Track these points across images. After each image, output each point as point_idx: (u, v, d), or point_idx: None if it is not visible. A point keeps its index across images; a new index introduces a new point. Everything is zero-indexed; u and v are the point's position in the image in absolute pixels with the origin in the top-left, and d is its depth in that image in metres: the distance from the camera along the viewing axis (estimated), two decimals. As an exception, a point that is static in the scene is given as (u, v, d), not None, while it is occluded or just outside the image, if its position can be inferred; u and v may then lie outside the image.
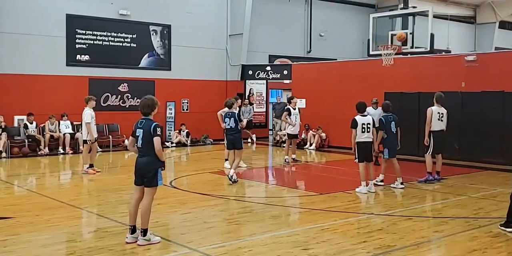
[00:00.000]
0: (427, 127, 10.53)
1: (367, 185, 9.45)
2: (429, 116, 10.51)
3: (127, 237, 6.18)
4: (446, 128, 10.82)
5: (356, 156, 9.61)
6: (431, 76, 14.71)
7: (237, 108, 12.96)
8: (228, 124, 10.59)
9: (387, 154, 10.11)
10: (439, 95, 10.86)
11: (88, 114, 11.61)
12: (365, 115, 9.61)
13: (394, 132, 10.20)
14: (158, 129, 6.23)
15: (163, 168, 6.31)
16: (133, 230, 6.18)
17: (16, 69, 15.65)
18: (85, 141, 11.91)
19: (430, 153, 10.59)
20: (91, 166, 11.74)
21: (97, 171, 11.72)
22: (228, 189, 10.09)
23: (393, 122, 10.19)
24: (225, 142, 11.93)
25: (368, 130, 9.51)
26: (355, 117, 9.56)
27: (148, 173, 6.20)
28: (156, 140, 6.18)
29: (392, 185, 9.99)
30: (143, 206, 6.17)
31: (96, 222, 7.36)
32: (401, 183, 9.95)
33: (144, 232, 6.09)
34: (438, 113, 10.64)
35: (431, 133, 10.56)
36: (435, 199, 9.35)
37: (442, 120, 10.66)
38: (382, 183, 10.19)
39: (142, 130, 6.24)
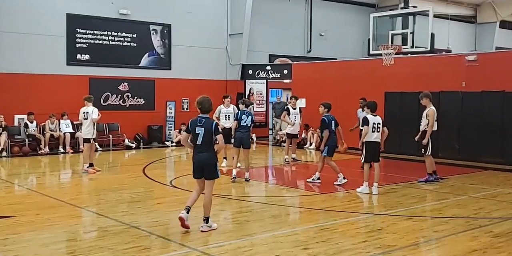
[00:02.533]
0: (430, 129, 10.39)
1: (368, 186, 9.43)
2: (432, 117, 10.40)
3: (182, 213, 6.59)
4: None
5: (363, 156, 9.59)
6: (432, 75, 14.70)
7: (231, 106, 12.78)
8: (245, 122, 10.63)
9: (326, 152, 10.20)
10: (429, 94, 10.74)
11: (96, 111, 11.65)
12: (376, 115, 9.58)
13: (335, 131, 10.31)
14: (219, 127, 6.71)
15: (217, 161, 6.80)
16: (188, 210, 6.63)
17: (17, 68, 15.65)
18: (86, 140, 11.89)
19: (430, 153, 10.53)
20: (90, 165, 11.75)
21: (97, 170, 11.73)
22: (228, 189, 10.08)
23: (333, 121, 10.29)
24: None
25: (378, 130, 9.45)
26: (367, 116, 9.53)
27: (209, 167, 6.67)
28: (221, 138, 6.67)
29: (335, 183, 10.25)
30: (206, 197, 6.68)
31: (96, 221, 7.36)
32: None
33: (207, 219, 6.64)
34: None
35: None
36: (435, 199, 9.34)
37: (436, 120, 10.60)
38: (319, 181, 10.29)
39: (203, 128, 6.62)
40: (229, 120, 12.22)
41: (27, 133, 15.36)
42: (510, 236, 6.58)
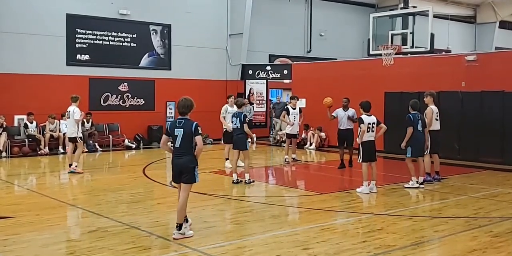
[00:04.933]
0: (428, 127, 10.42)
1: (368, 185, 9.45)
2: (430, 116, 10.43)
3: (174, 234, 6.32)
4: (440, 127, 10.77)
5: (360, 156, 9.60)
6: (431, 76, 14.70)
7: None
8: (235, 124, 10.55)
9: (409, 153, 10.00)
10: (434, 93, 10.77)
11: (78, 110, 11.65)
12: (370, 115, 9.59)
13: (421, 131, 10.10)
14: (199, 128, 6.35)
15: (197, 165, 6.46)
16: (180, 226, 6.36)
17: (17, 68, 15.64)
18: (72, 139, 11.85)
19: (426, 153, 10.53)
20: (70, 165, 11.74)
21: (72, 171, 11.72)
22: (228, 189, 10.09)
23: (420, 120, 10.04)
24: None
25: (373, 129, 9.52)
26: (361, 116, 9.55)
27: (187, 171, 6.34)
28: (199, 139, 6.33)
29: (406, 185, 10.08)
30: (181, 202, 6.35)
31: (96, 221, 7.34)
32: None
33: (180, 226, 6.32)
34: (436, 112, 10.58)
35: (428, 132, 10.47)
36: (435, 199, 9.35)
37: (437, 119, 10.61)
38: (422, 186, 10.02)
39: (182, 129, 6.31)
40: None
41: (26, 134, 15.35)
42: (509, 236, 6.59)
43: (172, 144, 6.51)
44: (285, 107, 14.01)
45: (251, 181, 10.43)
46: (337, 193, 9.49)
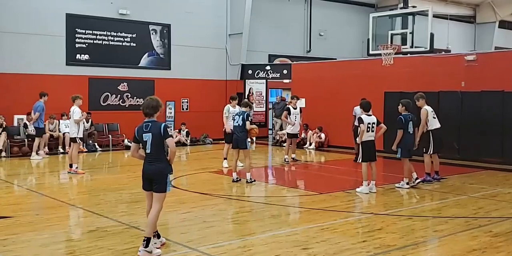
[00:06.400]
0: (422, 128, 10.40)
1: (368, 185, 9.45)
2: (425, 117, 10.41)
3: (139, 251, 5.60)
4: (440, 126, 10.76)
5: (360, 156, 9.60)
6: (431, 75, 14.71)
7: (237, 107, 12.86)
8: (236, 122, 10.55)
9: (400, 154, 9.98)
10: (424, 95, 10.72)
11: (78, 110, 11.65)
12: (370, 115, 9.60)
13: (411, 132, 10.06)
14: (169, 129, 5.88)
15: (171, 172, 5.96)
16: (148, 241, 5.63)
17: (16, 68, 15.64)
18: (72, 140, 11.87)
19: (430, 153, 10.54)
20: (70, 166, 11.72)
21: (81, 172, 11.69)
22: (227, 189, 10.08)
23: (411, 121, 10.00)
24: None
25: (373, 129, 9.53)
26: (361, 116, 9.55)
27: (159, 179, 5.75)
28: (170, 141, 5.80)
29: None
30: (152, 213, 5.75)
31: (95, 221, 7.34)
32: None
33: (147, 241, 5.59)
34: (431, 111, 10.57)
35: (430, 132, 10.47)
36: (435, 198, 9.35)
37: (435, 117, 10.60)
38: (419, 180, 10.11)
39: (150, 133, 5.78)
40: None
41: (26, 133, 15.34)
42: (509, 236, 6.59)
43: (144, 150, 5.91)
44: (286, 107, 14.00)
45: (253, 180, 10.42)
46: (336, 193, 9.48)
